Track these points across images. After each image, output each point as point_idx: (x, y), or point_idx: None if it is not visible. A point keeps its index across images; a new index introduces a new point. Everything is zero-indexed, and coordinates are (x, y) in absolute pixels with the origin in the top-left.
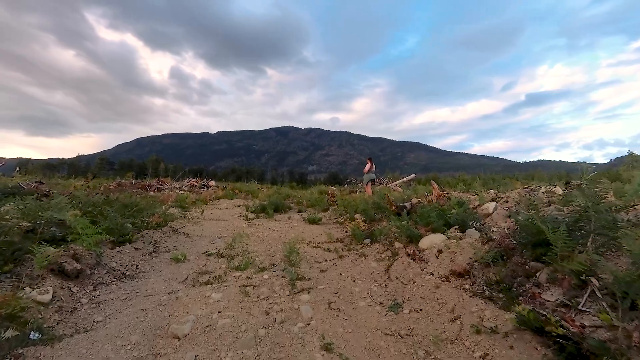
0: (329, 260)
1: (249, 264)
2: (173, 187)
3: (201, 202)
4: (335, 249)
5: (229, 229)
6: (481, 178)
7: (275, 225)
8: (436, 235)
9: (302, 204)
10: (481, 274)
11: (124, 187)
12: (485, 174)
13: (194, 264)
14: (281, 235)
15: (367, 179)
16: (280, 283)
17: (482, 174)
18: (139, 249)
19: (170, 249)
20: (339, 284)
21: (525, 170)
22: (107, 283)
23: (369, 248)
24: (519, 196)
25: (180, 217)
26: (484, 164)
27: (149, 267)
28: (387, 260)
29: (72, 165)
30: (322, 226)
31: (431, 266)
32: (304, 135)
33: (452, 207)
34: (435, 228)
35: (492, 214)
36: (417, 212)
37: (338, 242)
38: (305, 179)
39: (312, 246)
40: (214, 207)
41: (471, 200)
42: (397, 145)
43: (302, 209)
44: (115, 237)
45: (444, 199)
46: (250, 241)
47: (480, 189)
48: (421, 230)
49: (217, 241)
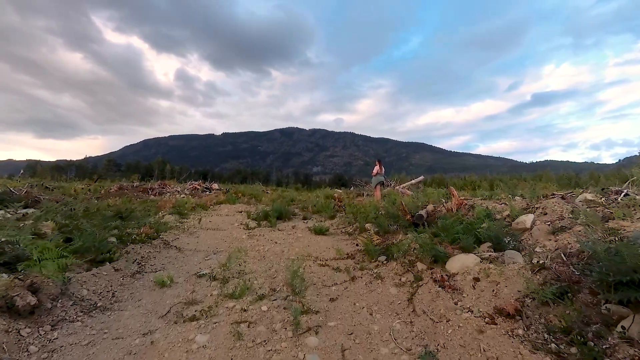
0: (340, 284)
1: (246, 289)
2: (175, 191)
3: (201, 207)
4: (346, 267)
5: (227, 241)
6: (488, 179)
7: (278, 236)
8: (467, 255)
9: (308, 210)
10: (537, 316)
11: (125, 191)
12: (492, 174)
13: (181, 289)
14: (284, 250)
15: (375, 182)
16: (282, 318)
17: (488, 175)
18: (120, 269)
19: (157, 268)
20: (353, 320)
21: (532, 171)
22: (72, 319)
23: (384, 267)
24: (559, 207)
25: (175, 226)
26: (490, 165)
27: (128, 293)
28: (409, 286)
29: (80, 167)
30: (329, 237)
31: (467, 299)
32: (309, 136)
33: (479, 218)
34: (465, 246)
35: (530, 229)
36: (439, 225)
37: (349, 258)
38: (310, 180)
39: (320, 264)
40: (214, 214)
41: (498, 209)
42: (401, 146)
43: (307, 216)
44: (93, 256)
45: (465, 208)
46: (248, 257)
47: (505, 195)
48: (447, 248)
49: (212, 257)
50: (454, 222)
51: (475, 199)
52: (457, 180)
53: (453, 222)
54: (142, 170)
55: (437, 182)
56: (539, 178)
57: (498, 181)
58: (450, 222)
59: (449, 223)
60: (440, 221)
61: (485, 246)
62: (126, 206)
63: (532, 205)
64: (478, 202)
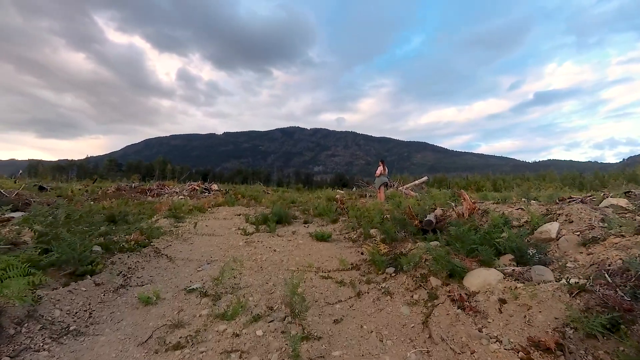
0: (344, 301)
1: (239, 308)
2: (173, 192)
3: (198, 210)
4: (350, 281)
5: (223, 249)
6: (491, 179)
7: (277, 243)
8: (488, 270)
9: (309, 213)
10: (583, 351)
11: (122, 192)
12: (494, 174)
13: (168, 308)
14: (283, 259)
15: (379, 183)
16: (279, 346)
17: (491, 175)
18: (102, 283)
19: (144, 281)
20: (360, 348)
21: (534, 171)
22: (37, 348)
23: (393, 281)
24: (586, 213)
25: (170, 231)
26: (492, 164)
27: (108, 313)
28: (422, 305)
29: (81, 167)
30: (332, 244)
31: (493, 325)
32: (310, 136)
33: (496, 226)
34: (485, 260)
35: (556, 239)
36: (452, 233)
37: (353, 269)
38: (312, 180)
39: (322, 276)
40: (212, 217)
41: (515, 215)
42: (403, 146)
43: (308, 220)
44: (72, 269)
45: (478, 214)
46: (244, 269)
47: (518, 198)
48: (464, 260)
49: (205, 267)
50: (468, 230)
51: (487, 203)
52: (460, 180)
53: (467, 231)
54: (143, 170)
55: (439, 181)
56: (542, 178)
57: (501, 181)
58: (464, 230)
59: (463, 231)
60: (452, 228)
61: (507, 259)
62: (120, 209)
63: (553, 211)
64: (491, 207)
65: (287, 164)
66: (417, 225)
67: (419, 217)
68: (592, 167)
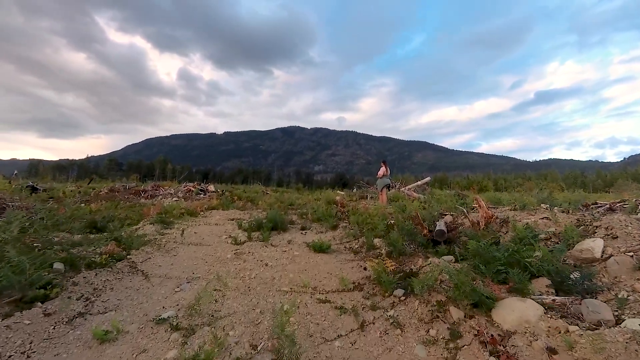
0: (345, 335)
1: (216, 347)
2: (168, 193)
3: (189, 214)
4: (352, 307)
5: (209, 263)
6: (492, 178)
7: (271, 255)
8: (524, 302)
9: (307, 217)
10: None
11: (116, 193)
12: (495, 173)
13: (127, 348)
14: (275, 277)
15: (381, 185)
16: None
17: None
18: (54, 312)
19: (109, 307)
20: None
21: (536, 170)
22: None
23: (403, 307)
24: (634, 227)
25: (154, 239)
26: (493, 163)
27: (51, 356)
28: (443, 347)
29: (81, 167)
30: (331, 257)
31: None
32: (310, 135)
33: (521, 239)
34: (519, 288)
35: (601, 259)
36: (470, 247)
37: (356, 288)
38: (312, 179)
39: (318, 299)
40: (203, 222)
41: (540, 225)
42: (404, 145)
43: (306, 226)
44: (19, 295)
45: (497, 223)
46: (229, 289)
47: (535, 203)
48: (490, 286)
49: (185, 287)
50: (490, 245)
51: (503, 209)
52: (461, 179)
53: (489, 246)
54: (144, 170)
55: (441, 181)
56: (544, 177)
57: (502, 180)
58: (485, 245)
59: (483, 247)
60: (471, 242)
61: (542, 284)
62: (106, 213)
63: (587, 221)
64: (510, 214)
65: (288, 164)
66: (427, 235)
67: (427, 223)
68: (593, 166)
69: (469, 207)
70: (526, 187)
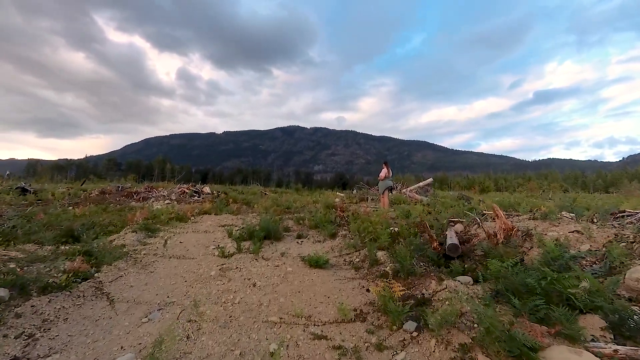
0: None
1: None
2: (160, 195)
3: (178, 220)
4: (354, 346)
5: (189, 281)
6: (492, 178)
7: (260, 272)
8: (579, 355)
9: (304, 223)
10: None
11: (107, 195)
12: (495, 173)
13: None
14: (263, 302)
15: (383, 187)
16: None
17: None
18: None
19: (54, 347)
20: None
21: (535, 169)
22: None
23: (417, 347)
24: None
25: (133, 250)
26: (492, 163)
27: None
28: None
29: (80, 167)
30: (329, 273)
31: None
32: (310, 135)
33: (554, 259)
34: (568, 333)
35: None
36: (492, 269)
37: (357, 318)
38: (311, 179)
39: (313, 334)
40: (191, 229)
41: (570, 240)
42: (403, 144)
43: (302, 234)
44: None
45: (519, 236)
46: (206, 321)
47: (554, 209)
48: (528, 327)
49: (155, 316)
50: (516, 266)
51: (522, 218)
52: (461, 179)
53: (516, 268)
54: (143, 170)
55: (441, 181)
56: (544, 177)
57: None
58: (511, 268)
59: (510, 270)
60: (493, 264)
61: (595, 325)
62: (85, 220)
63: (628, 237)
64: (532, 225)
65: (288, 163)
66: (437, 249)
67: (435, 232)
68: (592, 165)
69: (477, 211)
70: (528, 187)
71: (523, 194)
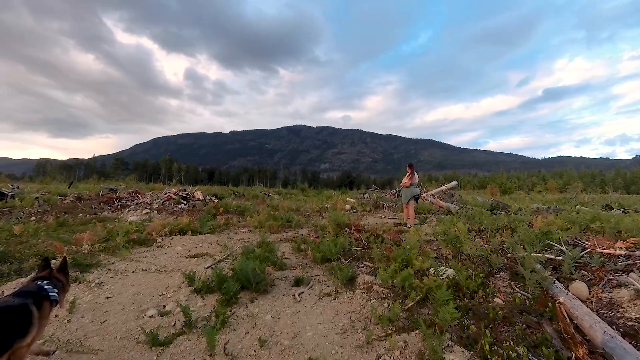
0: None
1: None
2: (143, 202)
3: (140, 243)
4: None
5: None
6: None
7: None
8: None
9: (306, 253)
10: None
11: (80, 202)
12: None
13: None
14: None
15: (408, 196)
16: None
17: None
18: None
19: None
20: None
21: (545, 167)
22: None
23: None
24: None
25: None
26: (500, 161)
27: None
28: None
29: (88, 166)
30: None
31: None
32: (316, 134)
33: None
34: None
35: None
36: None
37: None
38: (318, 178)
39: None
40: (145, 263)
41: None
42: (410, 143)
43: (303, 279)
44: None
45: None
46: None
47: None
48: None
49: None
50: None
51: None
52: (471, 178)
53: None
54: (150, 169)
55: (450, 179)
56: (559, 175)
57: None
58: None
59: None
60: None
61: None
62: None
63: None
64: None
65: (294, 162)
66: (584, 356)
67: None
68: (604, 163)
69: (569, 243)
70: (546, 187)
71: (543, 194)
